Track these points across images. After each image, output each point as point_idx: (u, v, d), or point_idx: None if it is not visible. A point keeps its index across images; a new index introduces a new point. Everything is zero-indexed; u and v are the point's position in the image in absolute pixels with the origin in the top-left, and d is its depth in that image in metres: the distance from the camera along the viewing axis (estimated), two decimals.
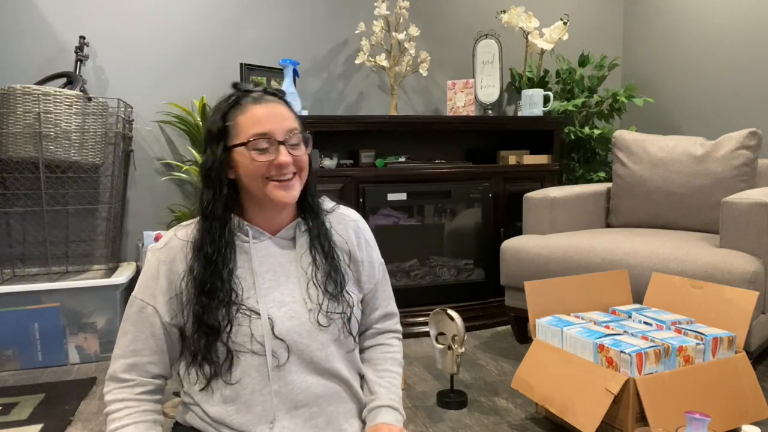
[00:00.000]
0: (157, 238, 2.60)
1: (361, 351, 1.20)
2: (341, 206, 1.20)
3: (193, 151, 2.66)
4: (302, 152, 1.05)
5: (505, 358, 2.30)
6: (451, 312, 1.82)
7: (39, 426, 1.74)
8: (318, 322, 1.05)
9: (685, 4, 3.16)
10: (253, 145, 1.01)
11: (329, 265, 1.09)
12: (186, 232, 1.06)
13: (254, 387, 1.01)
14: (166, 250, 1.05)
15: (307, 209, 1.12)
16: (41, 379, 2.14)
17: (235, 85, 1.07)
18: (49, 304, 2.26)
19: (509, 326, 2.69)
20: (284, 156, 1.01)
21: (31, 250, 2.56)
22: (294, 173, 1.04)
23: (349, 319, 1.09)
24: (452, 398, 1.85)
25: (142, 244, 2.63)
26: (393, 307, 1.24)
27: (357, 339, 1.14)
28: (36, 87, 2.21)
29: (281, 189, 1.03)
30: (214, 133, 1.04)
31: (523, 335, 2.49)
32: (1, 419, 1.79)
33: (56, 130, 2.24)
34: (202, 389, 1.02)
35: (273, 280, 1.06)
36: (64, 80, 2.48)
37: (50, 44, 2.56)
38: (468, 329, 2.63)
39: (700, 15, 3.08)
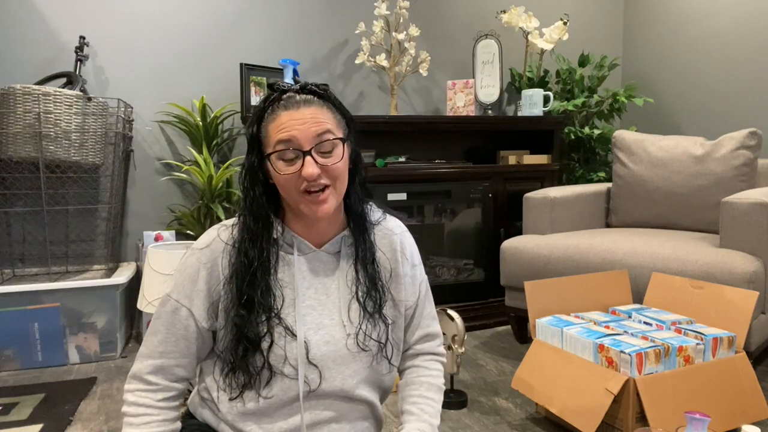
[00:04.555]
0: (157, 238, 2.60)
1: (399, 373, 1.16)
2: (387, 216, 1.12)
3: (193, 151, 2.65)
4: (336, 159, 0.95)
5: (505, 358, 2.30)
6: (451, 312, 1.82)
7: (39, 426, 1.74)
8: (356, 346, 1.01)
9: (685, 4, 3.16)
10: (278, 156, 0.94)
11: (371, 283, 1.04)
12: (228, 234, 1.01)
13: (282, 406, 0.98)
14: (208, 252, 1.00)
15: (354, 220, 1.04)
16: (41, 379, 2.14)
17: (270, 86, 0.98)
18: (49, 304, 2.26)
19: (509, 326, 2.69)
20: (309, 167, 0.92)
21: (31, 250, 2.56)
22: (327, 185, 0.95)
23: (384, 344, 1.04)
24: (452, 398, 1.85)
25: (142, 244, 2.63)
26: (435, 327, 1.16)
27: (393, 361, 1.08)
28: (36, 87, 2.21)
29: (311, 204, 0.94)
30: (248, 140, 0.99)
31: (523, 335, 2.49)
32: (1, 419, 1.79)
33: (56, 130, 2.24)
34: (233, 399, 0.99)
35: (314, 298, 1.01)
36: (64, 80, 2.48)
37: (50, 44, 2.56)
38: (468, 329, 2.63)
39: (700, 15, 3.08)
